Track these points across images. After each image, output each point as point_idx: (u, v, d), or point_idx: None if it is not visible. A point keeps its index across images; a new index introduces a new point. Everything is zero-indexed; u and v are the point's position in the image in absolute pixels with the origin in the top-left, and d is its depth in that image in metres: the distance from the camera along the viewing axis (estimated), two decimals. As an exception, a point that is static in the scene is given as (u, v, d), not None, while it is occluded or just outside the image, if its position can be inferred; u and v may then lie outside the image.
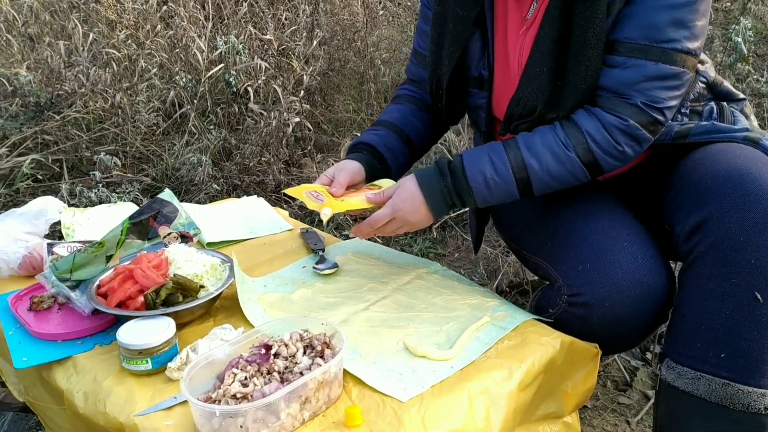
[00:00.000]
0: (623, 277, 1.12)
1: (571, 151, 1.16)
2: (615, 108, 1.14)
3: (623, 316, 1.14)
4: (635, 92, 1.12)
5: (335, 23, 3.57)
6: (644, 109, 1.12)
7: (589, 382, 1.19)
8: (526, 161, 1.17)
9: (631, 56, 1.12)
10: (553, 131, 1.18)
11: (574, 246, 1.20)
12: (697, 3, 1.09)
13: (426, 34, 1.41)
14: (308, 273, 1.40)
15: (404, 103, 1.51)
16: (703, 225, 1.07)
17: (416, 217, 1.25)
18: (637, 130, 1.13)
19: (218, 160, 2.89)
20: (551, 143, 1.17)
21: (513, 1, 1.25)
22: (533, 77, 1.20)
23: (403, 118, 1.48)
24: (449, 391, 0.99)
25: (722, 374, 1.05)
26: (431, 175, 1.24)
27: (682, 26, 1.09)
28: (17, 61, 3.26)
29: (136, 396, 1.02)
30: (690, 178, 1.15)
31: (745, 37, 2.57)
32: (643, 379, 1.62)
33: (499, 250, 2.22)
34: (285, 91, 3.02)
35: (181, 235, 1.44)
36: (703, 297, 1.07)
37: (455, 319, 1.18)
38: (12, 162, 2.70)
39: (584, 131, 1.15)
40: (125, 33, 3.36)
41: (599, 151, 1.15)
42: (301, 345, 1.02)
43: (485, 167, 1.19)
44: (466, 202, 1.24)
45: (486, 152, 1.21)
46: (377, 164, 1.41)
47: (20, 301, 1.32)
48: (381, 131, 1.46)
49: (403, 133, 1.46)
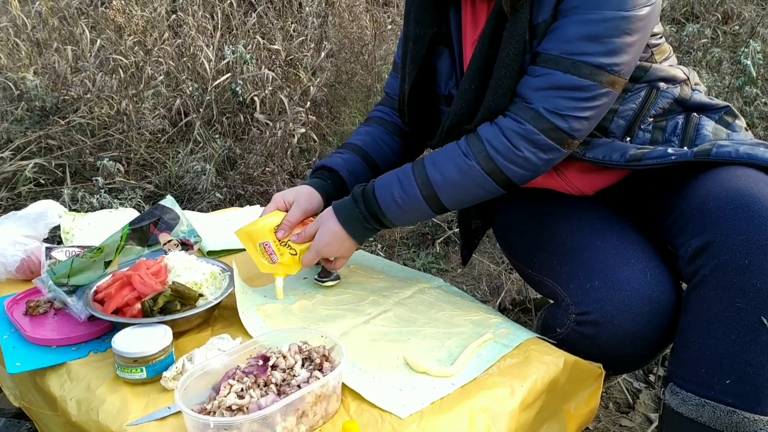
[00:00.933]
0: (632, 294, 1.11)
1: (471, 159, 1.17)
2: (515, 112, 1.15)
3: (633, 334, 1.12)
4: (539, 98, 1.13)
5: (343, 36, 3.58)
6: (543, 114, 1.12)
7: (592, 403, 1.17)
8: (430, 176, 1.20)
9: (544, 66, 1.13)
10: (457, 143, 1.21)
11: (580, 264, 1.19)
12: (618, 21, 1.08)
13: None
14: (309, 284, 1.39)
15: (374, 125, 1.52)
16: (706, 248, 1.05)
17: (342, 250, 1.30)
18: (535, 135, 1.13)
19: (222, 169, 2.88)
20: (453, 155, 1.19)
21: (471, 23, 1.29)
22: (462, 94, 1.24)
23: (372, 141, 1.48)
24: (450, 409, 0.97)
25: (727, 401, 1.03)
26: (348, 205, 1.27)
27: (596, 41, 1.09)
28: (24, 66, 3.27)
29: (130, 405, 1.00)
30: (691, 199, 1.13)
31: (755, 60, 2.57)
32: (645, 401, 1.60)
33: (502, 267, 2.20)
34: (291, 101, 3.03)
35: (182, 243, 1.43)
36: (707, 321, 1.05)
37: (457, 335, 1.16)
38: (15, 165, 2.70)
39: (483, 139, 1.17)
40: (133, 40, 3.37)
41: (500, 157, 1.15)
42: (299, 357, 1.00)
43: (394, 188, 1.22)
44: (383, 222, 1.26)
45: (396, 174, 1.24)
46: (334, 192, 1.40)
47: (16, 305, 1.30)
48: (346, 155, 1.46)
49: (368, 157, 1.47)
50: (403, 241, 2.51)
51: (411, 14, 1.33)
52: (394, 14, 4.07)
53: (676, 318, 1.13)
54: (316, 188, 1.38)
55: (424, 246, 2.47)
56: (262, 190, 2.71)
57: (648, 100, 1.25)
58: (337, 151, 1.48)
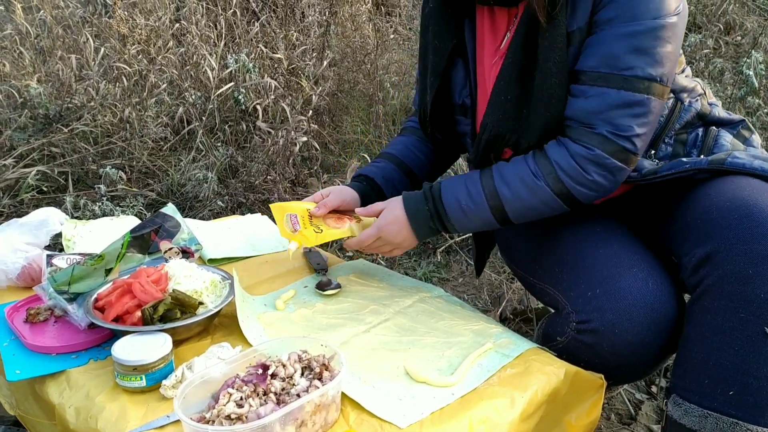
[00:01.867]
0: (633, 303, 1.10)
1: (540, 180, 1.17)
2: (581, 138, 1.14)
3: (634, 344, 1.11)
4: (600, 121, 1.12)
5: (346, 45, 3.59)
6: (610, 137, 1.12)
7: (594, 414, 1.16)
8: (498, 189, 1.20)
9: (593, 85, 1.13)
10: (525, 161, 1.20)
11: (582, 272, 1.18)
12: (657, 30, 1.09)
13: None
14: (310, 293, 1.38)
15: (408, 135, 1.58)
16: (709, 258, 1.05)
17: (399, 238, 1.30)
18: (605, 159, 1.13)
19: (224, 177, 2.89)
20: (522, 172, 1.19)
21: (490, 31, 1.29)
22: (498, 105, 1.23)
23: (405, 149, 1.54)
24: (450, 419, 0.97)
25: (730, 412, 1.02)
26: (418, 198, 1.28)
27: (643, 53, 1.09)
28: (28, 74, 3.28)
29: (129, 413, 1.00)
30: (694, 210, 1.14)
31: (757, 70, 2.57)
32: (647, 413, 1.59)
33: (503, 277, 2.20)
34: (293, 110, 3.03)
35: (183, 251, 1.43)
36: (710, 332, 1.05)
37: (457, 344, 1.16)
38: (18, 173, 2.70)
39: (552, 161, 1.16)
40: (137, 48, 3.39)
41: (569, 180, 1.15)
42: (299, 366, 1.00)
43: (460, 194, 1.23)
44: (447, 227, 1.27)
45: (463, 180, 1.25)
46: (373, 195, 1.46)
47: (17, 312, 1.30)
48: (381, 163, 1.53)
49: (403, 165, 1.52)
50: (405, 250, 2.50)
51: (429, 27, 1.35)
52: (396, 23, 4.08)
53: (678, 328, 1.12)
54: (353, 188, 1.45)
55: (425, 255, 2.47)
56: (263, 198, 2.71)
57: (674, 113, 1.25)
58: (373, 161, 1.56)
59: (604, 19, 1.11)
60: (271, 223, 1.78)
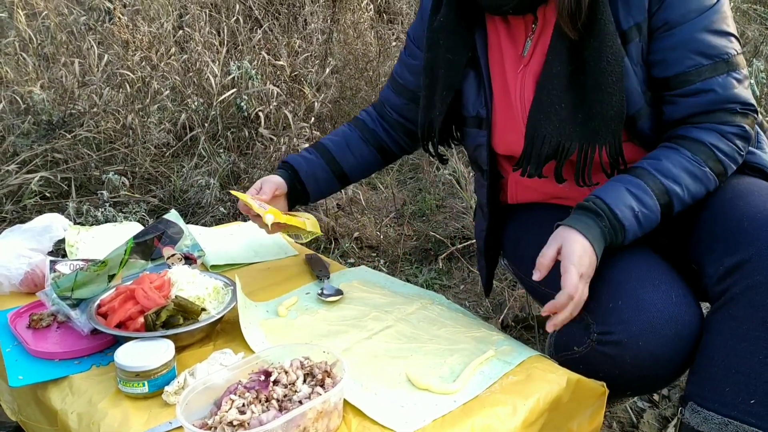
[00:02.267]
0: (658, 316, 1.08)
1: (704, 166, 1.16)
2: (724, 119, 1.16)
3: (658, 356, 1.09)
4: (729, 103, 1.16)
5: (348, 52, 3.61)
6: (743, 111, 1.16)
7: (596, 422, 1.16)
8: (668, 187, 1.16)
9: (704, 79, 1.15)
10: (677, 152, 1.17)
11: (600, 282, 1.15)
12: (721, 7, 1.15)
13: (407, 66, 1.51)
14: (312, 299, 1.39)
15: (354, 129, 1.60)
16: (739, 267, 1.04)
17: (592, 268, 1.14)
18: (749, 132, 1.17)
19: (226, 183, 2.89)
20: (683, 163, 1.16)
21: (507, 40, 1.28)
22: (551, 113, 1.19)
23: (344, 146, 1.57)
24: (451, 426, 0.97)
25: (751, 421, 1.01)
26: (589, 222, 1.14)
27: (724, 33, 1.15)
28: (32, 80, 3.29)
29: (131, 420, 1.00)
30: (722, 219, 1.13)
31: (759, 79, 2.57)
32: (649, 421, 1.58)
33: (505, 284, 2.20)
34: (296, 117, 3.04)
35: (185, 257, 1.43)
36: (734, 340, 1.04)
37: (459, 351, 1.16)
38: (21, 179, 2.71)
39: (707, 143, 1.16)
40: (140, 55, 3.40)
41: (726, 159, 1.17)
42: (301, 373, 1.00)
43: (631, 202, 1.15)
44: (614, 242, 1.16)
45: (622, 187, 1.16)
46: (297, 186, 1.52)
47: (20, 318, 1.31)
48: (311, 156, 1.55)
49: (335, 163, 1.55)
50: (406, 257, 2.51)
51: (439, 41, 1.32)
52: (398, 31, 4.09)
53: (699, 341, 1.11)
54: (281, 177, 1.50)
55: (426, 262, 2.47)
56: (265, 204, 2.71)
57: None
58: (307, 149, 1.58)
59: (675, 17, 1.14)
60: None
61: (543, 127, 1.21)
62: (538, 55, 1.24)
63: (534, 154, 1.23)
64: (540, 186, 1.37)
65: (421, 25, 1.43)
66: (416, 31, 1.48)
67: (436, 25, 1.33)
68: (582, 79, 1.17)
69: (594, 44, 1.15)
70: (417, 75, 1.45)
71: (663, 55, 1.17)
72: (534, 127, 1.22)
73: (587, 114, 1.18)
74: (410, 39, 1.50)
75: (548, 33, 1.22)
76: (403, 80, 1.53)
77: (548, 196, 1.40)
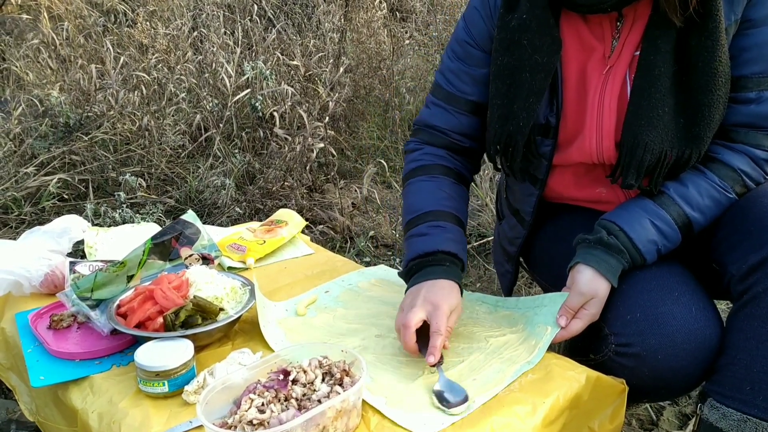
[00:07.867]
0: (678, 329, 1.07)
1: (731, 192, 1.14)
2: (760, 142, 1.12)
3: (677, 369, 1.08)
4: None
5: (361, 51, 3.61)
6: None
7: (617, 420, 1.14)
8: (690, 216, 1.13)
9: (762, 89, 1.10)
10: (704, 177, 1.14)
11: (619, 293, 1.13)
12: None
13: (467, 75, 1.31)
14: (330, 298, 1.39)
15: (440, 178, 1.33)
16: (762, 265, 1.03)
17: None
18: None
19: (242, 183, 2.91)
20: (710, 191, 1.13)
21: (590, 40, 1.19)
22: (654, 119, 1.11)
23: (461, 205, 1.33)
24: (470, 426, 0.96)
25: None
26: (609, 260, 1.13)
27: None
28: (50, 83, 3.33)
29: (152, 419, 1.00)
30: (745, 217, 1.11)
31: None
32: (669, 418, 1.57)
33: (522, 282, 2.19)
34: (310, 116, 3.05)
35: (203, 257, 1.44)
36: (756, 339, 1.02)
37: (479, 350, 1.15)
38: (39, 181, 2.74)
39: (737, 169, 1.13)
40: (156, 57, 3.42)
41: (752, 183, 1.14)
42: (320, 372, 1.00)
43: (654, 236, 1.13)
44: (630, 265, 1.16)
45: (646, 218, 1.13)
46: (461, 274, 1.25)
47: (40, 318, 1.32)
48: (450, 232, 1.26)
49: (462, 223, 1.31)
50: (422, 255, 2.50)
51: (522, 41, 1.19)
52: (412, 29, 4.09)
53: (718, 354, 1.10)
54: (452, 280, 1.20)
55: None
56: (281, 204, 2.72)
57: None
58: (432, 223, 1.26)
59: (758, 17, 1.08)
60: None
61: (644, 134, 1.12)
62: (626, 55, 1.16)
63: (634, 163, 1.14)
64: (577, 191, 1.34)
65: (487, 27, 1.28)
66: (481, 34, 1.29)
67: (514, 24, 1.20)
68: (688, 81, 1.10)
69: (707, 43, 1.07)
70: (480, 85, 1.30)
71: (733, 53, 1.10)
72: (633, 135, 1.13)
73: (692, 119, 1.10)
74: (470, 44, 1.31)
75: (637, 31, 1.15)
76: (462, 92, 1.32)
77: (583, 201, 1.36)
